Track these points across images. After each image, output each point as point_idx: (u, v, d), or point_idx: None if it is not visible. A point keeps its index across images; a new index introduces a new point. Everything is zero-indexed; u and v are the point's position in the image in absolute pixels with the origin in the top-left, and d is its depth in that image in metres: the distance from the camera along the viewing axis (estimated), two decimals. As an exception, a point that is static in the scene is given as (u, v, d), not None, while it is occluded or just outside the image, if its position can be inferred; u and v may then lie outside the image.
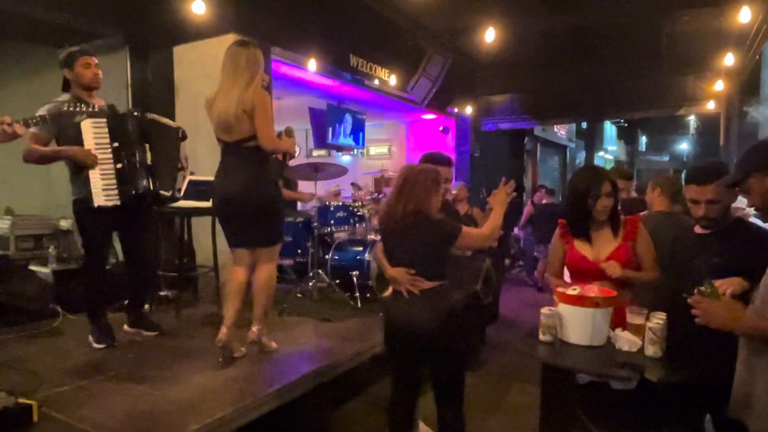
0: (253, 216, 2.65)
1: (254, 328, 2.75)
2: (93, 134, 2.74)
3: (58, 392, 2.23)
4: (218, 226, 4.28)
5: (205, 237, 4.19)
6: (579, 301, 1.98)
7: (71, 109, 2.44)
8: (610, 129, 19.41)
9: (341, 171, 4.36)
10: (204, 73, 5.24)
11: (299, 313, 3.61)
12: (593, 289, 2.02)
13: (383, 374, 3.54)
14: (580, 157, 16.00)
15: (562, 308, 2.03)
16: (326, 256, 4.15)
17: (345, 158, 10.04)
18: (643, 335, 1.93)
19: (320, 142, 8.38)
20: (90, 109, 2.66)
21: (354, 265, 3.98)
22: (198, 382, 2.44)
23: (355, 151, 9.39)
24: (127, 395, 2.27)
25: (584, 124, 14.29)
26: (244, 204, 2.64)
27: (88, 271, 3.00)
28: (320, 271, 4.06)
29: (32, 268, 4.63)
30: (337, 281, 4.04)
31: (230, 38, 5.07)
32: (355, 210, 4.26)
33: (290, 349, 2.95)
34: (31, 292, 3.55)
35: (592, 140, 11.16)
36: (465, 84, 9.04)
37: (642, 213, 2.84)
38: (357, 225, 4.24)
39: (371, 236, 4.24)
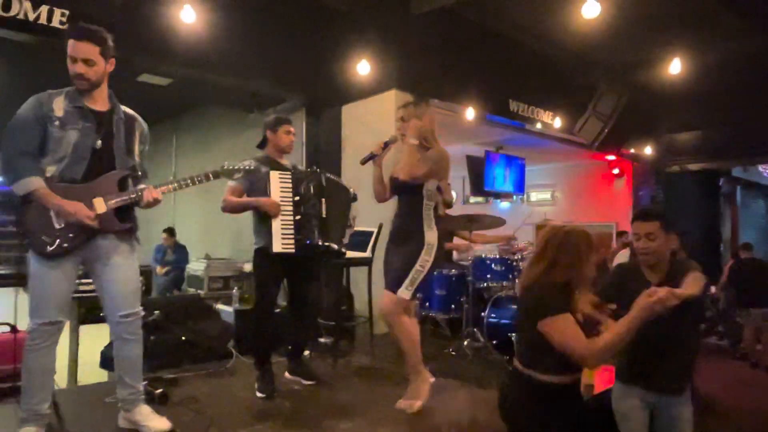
0: None
1: None
2: (279, 186, 3.03)
3: (219, 438, 2.35)
4: (374, 276, 4.38)
5: (365, 287, 4.28)
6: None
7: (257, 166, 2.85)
8: (838, 166, 15.69)
9: (498, 222, 4.09)
10: (368, 129, 5.50)
11: (452, 375, 3.38)
12: None
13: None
14: (796, 202, 13.16)
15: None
16: (482, 314, 3.87)
17: (503, 204, 9.67)
18: None
19: (477, 189, 8.18)
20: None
21: (513, 326, 3.65)
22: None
23: (515, 197, 8.99)
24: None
25: (802, 161, 11.77)
26: None
27: (259, 316, 3.18)
28: (475, 329, 3.81)
29: (219, 306, 5.23)
30: (494, 342, 3.73)
31: (392, 94, 5.30)
32: (515, 263, 3.95)
33: (439, 417, 2.73)
34: (213, 332, 3.92)
35: (814, 181, 9.09)
36: (643, 122, 8.13)
37: None
38: (517, 280, 3.91)
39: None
